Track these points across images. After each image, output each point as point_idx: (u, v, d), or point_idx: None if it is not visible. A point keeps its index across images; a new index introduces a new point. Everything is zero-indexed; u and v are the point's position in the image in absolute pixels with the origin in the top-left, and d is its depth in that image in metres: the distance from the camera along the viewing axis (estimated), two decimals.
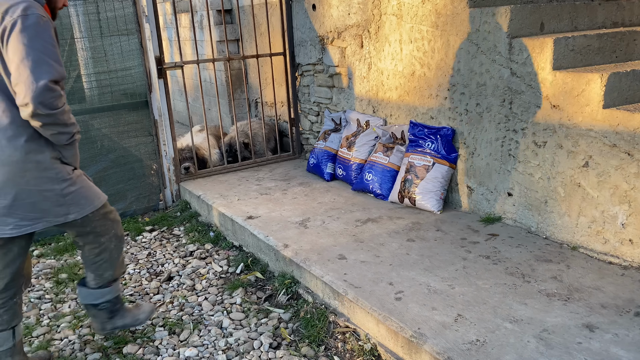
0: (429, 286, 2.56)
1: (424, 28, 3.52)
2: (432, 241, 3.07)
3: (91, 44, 4.20)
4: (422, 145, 3.58)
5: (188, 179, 4.58)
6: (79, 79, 4.18)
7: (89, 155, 4.13)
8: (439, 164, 3.47)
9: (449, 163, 3.48)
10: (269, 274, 3.20)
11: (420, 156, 3.56)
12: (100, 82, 4.22)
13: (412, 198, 3.51)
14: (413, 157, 3.59)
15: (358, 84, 4.21)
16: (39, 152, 2.16)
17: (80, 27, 4.15)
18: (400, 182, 3.60)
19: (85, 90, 4.21)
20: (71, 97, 4.14)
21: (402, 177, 3.61)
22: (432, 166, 3.48)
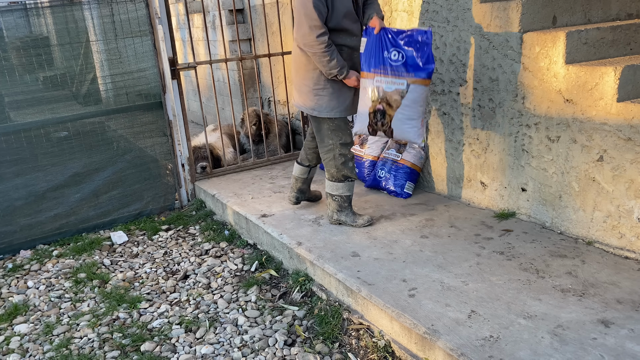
0: (443, 283, 2.57)
1: (435, 24, 3.51)
2: (445, 237, 3.07)
3: (106, 47, 4.26)
4: (391, 64, 3.01)
5: (203, 179, 4.63)
6: (94, 81, 4.25)
7: (106, 156, 4.20)
8: (416, 85, 2.97)
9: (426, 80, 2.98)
10: (283, 272, 3.23)
11: (390, 78, 3.01)
12: (115, 83, 4.28)
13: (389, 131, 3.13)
14: (379, 79, 3.02)
15: None
16: None
17: (95, 29, 4.21)
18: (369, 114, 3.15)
19: (101, 92, 4.28)
20: (87, 99, 4.21)
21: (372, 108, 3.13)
22: (407, 89, 2.99)
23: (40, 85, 4.03)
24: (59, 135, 4.04)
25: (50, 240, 4.01)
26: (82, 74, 4.18)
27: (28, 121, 3.90)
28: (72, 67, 4.10)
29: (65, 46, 4.10)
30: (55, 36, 4.16)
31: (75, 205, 4.11)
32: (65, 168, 4.05)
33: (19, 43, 3.92)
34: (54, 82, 4.05)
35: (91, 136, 4.13)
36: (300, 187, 3.63)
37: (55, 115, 3.99)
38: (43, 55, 3.97)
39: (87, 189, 4.15)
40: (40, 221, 3.98)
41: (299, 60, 3.19)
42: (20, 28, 3.97)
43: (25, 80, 3.91)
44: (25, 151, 3.89)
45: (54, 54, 4.12)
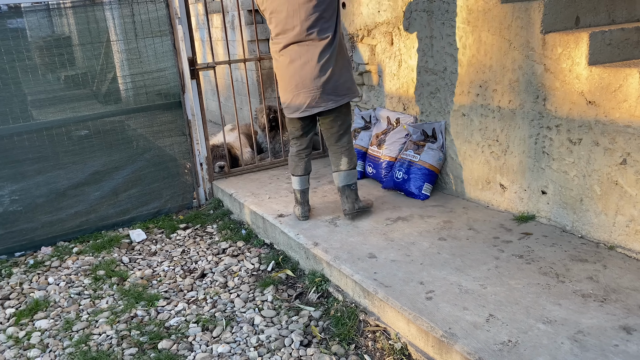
0: (461, 286, 2.54)
1: (455, 24, 3.48)
2: (464, 240, 3.04)
3: (126, 46, 4.31)
4: None
5: (220, 178, 4.65)
6: (115, 80, 4.30)
7: (126, 155, 4.25)
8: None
9: None
10: (299, 272, 3.23)
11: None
12: (135, 83, 4.33)
13: None
14: None
15: (388, 82, 4.19)
16: None
17: (115, 29, 4.26)
18: None
19: (121, 92, 4.33)
20: (108, 98, 4.26)
21: None
22: None
23: (61, 85, 4.09)
24: (80, 134, 4.10)
25: (70, 237, 4.07)
26: (103, 73, 4.23)
27: (50, 120, 3.96)
28: (93, 66, 4.15)
29: (86, 46, 4.15)
30: (76, 36, 4.22)
31: (95, 203, 4.16)
32: (86, 166, 4.10)
33: (42, 42, 3.99)
34: (75, 81, 4.11)
35: (111, 135, 4.18)
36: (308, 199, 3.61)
37: (76, 114, 4.05)
38: (65, 55, 4.03)
39: (107, 187, 4.20)
40: (60, 218, 4.04)
41: (340, 47, 3.24)
42: (43, 28, 4.04)
43: (48, 80, 3.97)
44: (46, 149, 3.95)
45: (76, 53, 4.18)
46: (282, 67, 3.24)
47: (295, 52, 3.16)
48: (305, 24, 3.09)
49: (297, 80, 3.18)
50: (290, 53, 3.18)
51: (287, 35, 3.15)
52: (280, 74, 3.28)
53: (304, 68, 3.15)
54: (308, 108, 3.23)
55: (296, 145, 3.49)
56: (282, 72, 3.25)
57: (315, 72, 3.14)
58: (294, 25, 3.11)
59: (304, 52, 3.14)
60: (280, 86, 3.32)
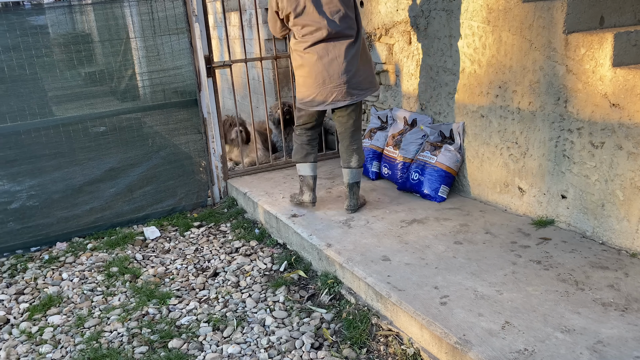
0: (476, 291, 2.48)
1: (474, 24, 3.41)
2: (480, 244, 2.97)
3: (144, 44, 4.32)
4: None
5: (235, 176, 4.64)
6: (132, 77, 4.31)
7: (142, 152, 4.25)
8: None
9: None
10: (312, 273, 3.20)
11: None
12: (152, 80, 4.33)
13: None
14: None
15: (406, 81, 4.13)
16: None
17: (134, 27, 4.27)
18: None
19: (138, 89, 4.33)
20: (126, 95, 4.27)
21: None
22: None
23: (81, 81, 4.11)
24: (98, 130, 4.12)
25: (85, 233, 4.09)
26: (121, 70, 4.24)
27: (67, 116, 3.98)
28: (111, 63, 4.17)
29: (105, 43, 4.17)
30: (96, 33, 4.24)
31: (110, 200, 4.18)
32: (102, 163, 4.12)
33: (62, 39, 4.02)
34: (94, 78, 4.13)
35: (127, 132, 4.19)
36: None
37: (93, 110, 4.06)
38: (84, 52, 4.05)
39: (122, 184, 4.22)
40: (76, 214, 4.06)
41: (363, 44, 3.43)
42: (64, 25, 4.06)
43: (67, 76, 3.99)
44: (63, 145, 3.98)
45: (95, 50, 4.20)
46: (308, 64, 3.34)
47: (323, 49, 3.28)
48: (332, 23, 3.25)
49: (324, 76, 3.31)
50: (318, 50, 3.29)
51: (314, 34, 3.27)
52: (307, 71, 3.36)
53: (332, 64, 3.29)
54: (333, 101, 3.37)
55: (307, 135, 3.62)
56: (309, 68, 3.35)
57: (342, 67, 3.29)
58: (321, 24, 3.24)
59: (331, 49, 3.28)
60: (305, 82, 3.41)
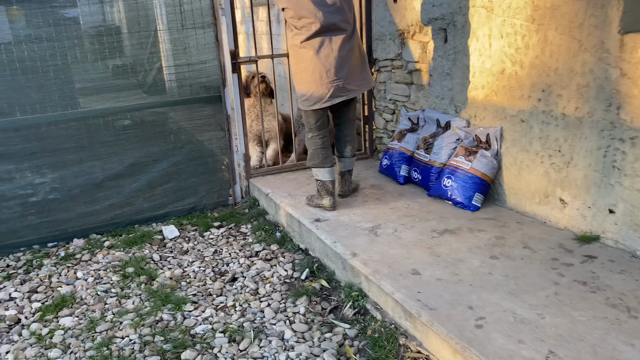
0: (515, 314, 2.27)
1: (517, 22, 3.18)
2: (518, 260, 2.75)
3: (170, 37, 4.19)
4: None
5: (258, 175, 4.49)
6: (160, 71, 4.19)
7: (164, 148, 4.13)
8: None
9: None
10: (335, 283, 3.02)
11: None
12: (177, 75, 4.21)
13: None
14: None
15: (439, 82, 3.91)
16: None
17: (161, 19, 4.14)
18: None
19: (164, 83, 4.20)
20: (151, 89, 4.14)
21: None
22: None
23: (109, 73, 3.99)
24: (123, 123, 4.00)
25: (103, 230, 3.99)
26: (149, 63, 4.12)
27: (90, 109, 3.87)
28: (140, 56, 4.04)
29: (134, 35, 4.04)
30: (125, 25, 4.12)
31: (130, 196, 4.07)
32: (123, 158, 4.01)
33: (93, 31, 3.91)
34: (120, 71, 4.01)
35: (150, 127, 4.07)
36: None
37: (116, 104, 3.94)
38: (114, 44, 3.93)
39: (143, 180, 4.10)
40: (95, 210, 3.96)
41: (358, 40, 3.48)
42: (95, 16, 3.95)
43: (96, 68, 3.88)
44: (84, 139, 3.87)
45: (124, 42, 4.08)
46: (305, 60, 3.33)
47: (319, 43, 3.27)
48: (327, 15, 3.24)
49: (321, 71, 3.30)
50: (314, 45, 3.27)
51: (310, 27, 3.25)
52: (304, 67, 3.35)
53: (328, 59, 3.29)
54: (331, 98, 3.36)
55: (320, 138, 3.54)
56: (305, 64, 3.34)
57: (338, 62, 3.30)
58: (316, 16, 3.23)
59: (327, 44, 3.27)
60: (302, 78, 3.40)
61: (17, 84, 3.59)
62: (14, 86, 3.59)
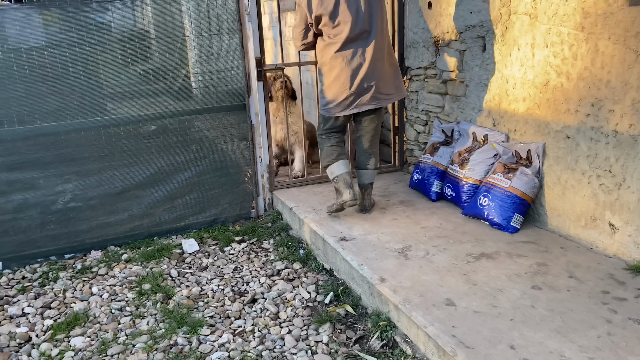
0: (563, 356, 2.03)
1: (564, 30, 2.93)
2: (564, 292, 2.50)
3: (195, 42, 4.06)
4: None
5: (281, 187, 4.31)
6: (184, 78, 4.06)
7: (185, 158, 3.99)
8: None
9: None
10: (361, 309, 2.81)
11: None
12: (201, 82, 4.07)
13: None
14: None
15: (476, 93, 3.68)
16: None
17: (188, 24, 4.01)
18: None
19: (189, 90, 4.06)
20: (177, 96, 4.01)
21: None
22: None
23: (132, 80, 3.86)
24: (145, 132, 3.88)
25: (121, 242, 3.87)
26: (173, 70, 3.98)
27: (111, 117, 3.76)
28: (165, 62, 3.90)
29: (161, 41, 3.92)
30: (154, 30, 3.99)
31: (150, 207, 3.94)
32: (144, 167, 3.88)
33: (122, 36, 3.80)
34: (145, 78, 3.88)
35: (172, 136, 3.93)
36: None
37: (139, 112, 3.81)
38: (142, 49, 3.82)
39: (164, 190, 3.97)
40: (113, 221, 3.84)
41: (389, 48, 3.44)
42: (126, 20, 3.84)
43: (119, 74, 3.77)
44: (104, 148, 3.76)
45: (152, 47, 3.95)
46: (336, 68, 3.33)
47: (351, 54, 3.29)
48: (360, 25, 3.26)
49: (351, 80, 3.31)
50: (346, 54, 3.29)
51: (342, 35, 3.27)
52: (335, 75, 3.35)
53: (359, 69, 3.29)
54: (358, 106, 3.37)
55: (335, 137, 3.58)
56: (337, 73, 3.34)
57: (369, 71, 3.30)
58: (349, 27, 3.24)
59: (359, 53, 3.28)
60: (331, 86, 3.39)
61: (36, 91, 3.50)
62: (34, 93, 3.50)
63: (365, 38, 3.28)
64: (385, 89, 3.39)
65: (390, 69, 3.41)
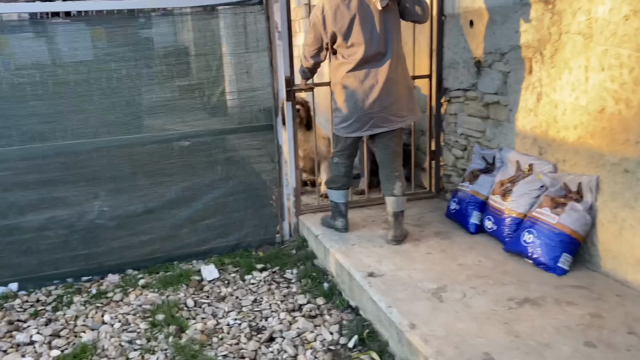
0: None
1: (624, 52, 2.63)
2: (623, 351, 2.17)
3: (227, 60, 3.91)
4: None
5: (308, 212, 4.09)
6: (222, 95, 3.91)
7: (210, 180, 3.83)
8: None
9: None
10: (388, 356, 2.54)
11: None
12: (228, 101, 3.92)
13: None
14: None
15: (521, 118, 3.38)
16: None
17: (224, 41, 3.86)
18: None
19: (215, 110, 3.91)
20: (212, 113, 3.84)
21: None
22: None
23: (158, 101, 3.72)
24: (182, 145, 3.74)
25: (140, 265, 3.71)
26: (215, 86, 3.85)
27: (134, 136, 3.62)
28: (202, 79, 3.77)
29: (200, 57, 3.78)
30: (193, 46, 3.87)
31: (172, 230, 3.78)
32: (166, 189, 3.74)
33: (163, 52, 3.69)
34: (183, 92, 3.75)
35: (196, 157, 3.78)
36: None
37: (163, 132, 3.67)
38: (179, 65, 3.70)
39: (186, 213, 3.81)
40: (133, 244, 3.70)
41: (404, 69, 3.35)
42: (167, 36, 3.73)
43: (160, 89, 3.66)
44: (126, 168, 3.64)
45: (190, 64, 3.82)
46: (349, 88, 3.27)
47: (364, 74, 3.22)
48: (375, 47, 3.19)
49: (364, 101, 3.24)
50: (358, 74, 3.22)
51: (356, 55, 3.20)
52: (348, 95, 3.28)
53: (372, 90, 3.21)
54: (371, 128, 3.30)
55: (345, 166, 3.52)
56: (349, 92, 3.28)
57: (382, 93, 3.21)
58: (363, 48, 3.18)
59: (372, 73, 3.21)
60: (343, 106, 3.33)
61: (59, 108, 3.41)
62: (58, 110, 3.42)
63: (380, 59, 3.21)
64: (399, 111, 3.29)
65: (405, 90, 3.31)
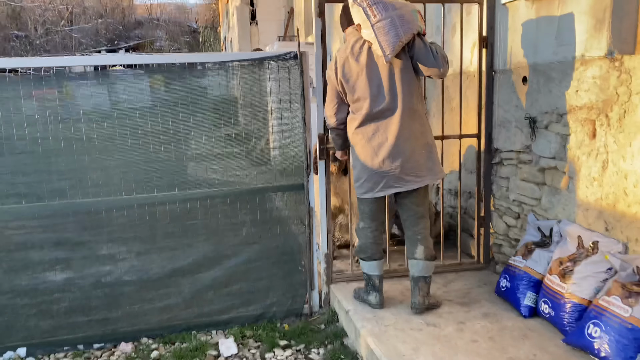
0: None
1: None
2: None
3: (256, 116, 3.71)
4: None
5: (341, 281, 3.72)
6: (253, 152, 3.70)
7: (234, 243, 3.56)
8: None
9: None
10: None
11: None
12: (261, 159, 3.69)
13: None
14: None
15: (584, 187, 2.96)
16: None
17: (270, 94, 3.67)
18: None
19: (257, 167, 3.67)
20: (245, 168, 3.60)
21: None
22: None
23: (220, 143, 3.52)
24: (190, 214, 3.49)
25: (156, 333, 3.43)
26: (259, 139, 3.66)
27: (153, 194, 3.40)
28: (246, 130, 3.58)
29: (247, 109, 3.63)
30: (241, 97, 3.70)
31: (190, 297, 3.50)
32: (187, 253, 3.49)
33: (212, 102, 3.54)
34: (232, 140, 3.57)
35: (219, 218, 3.53)
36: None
37: (183, 191, 3.45)
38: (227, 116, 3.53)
39: (207, 279, 3.53)
40: (149, 310, 3.44)
41: (422, 125, 3.09)
42: (220, 87, 3.60)
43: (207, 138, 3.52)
44: (145, 229, 3.42)
45: (237, 114, 3.63)
46: (357, 145, 3.13)
47: (372, 131, 3.05)
48: (381, 102, 3.00)
49: (373, 159, 3.06)
50: (368, 130, 3.06)
51: (361, 112, 3.05)
52: (358, 152, 3.14)
53: (381, 147, 3.04)
54: (384, 188, 3.10)
55: (372, 231, 3.26)
56: (358, 149, 3.13)
57: (393, 151, 3.02)
58: (368, 103, 3.01)
59: (382, 131, 3.03)
60: (356, 163, 3.19)
61: (70, 165, 3.26)
62: (68, 167, 3.27)
63: (389, 116, 3.00)
64: (415, 170, 3.05)
65: (422, 149, 3.07)
